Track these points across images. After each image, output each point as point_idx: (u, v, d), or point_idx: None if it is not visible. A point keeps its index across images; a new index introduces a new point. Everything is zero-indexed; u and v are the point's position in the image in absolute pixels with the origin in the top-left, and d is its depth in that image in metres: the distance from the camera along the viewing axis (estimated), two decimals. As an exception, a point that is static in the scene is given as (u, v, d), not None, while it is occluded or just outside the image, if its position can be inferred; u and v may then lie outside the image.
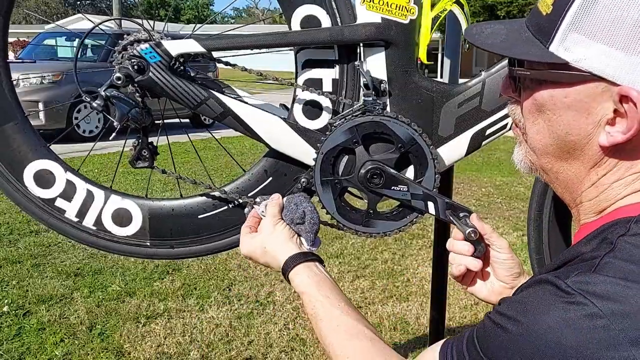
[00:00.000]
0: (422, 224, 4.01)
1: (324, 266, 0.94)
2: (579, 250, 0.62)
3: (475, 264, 0.89)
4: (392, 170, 1.03)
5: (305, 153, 1.09)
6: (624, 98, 0.59)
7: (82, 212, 1.20)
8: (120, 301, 2.79)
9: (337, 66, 1.10)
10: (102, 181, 4.84)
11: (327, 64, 1.10)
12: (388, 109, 1.08)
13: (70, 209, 1.20)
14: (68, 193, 1.20)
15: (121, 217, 1.20)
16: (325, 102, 1.12)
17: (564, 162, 0.67)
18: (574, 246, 0.64)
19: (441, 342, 0.69)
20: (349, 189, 1.09)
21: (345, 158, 1.07)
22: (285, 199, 0.99)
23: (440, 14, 1.17)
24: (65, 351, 2.32)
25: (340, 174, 1.07)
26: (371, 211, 1.08)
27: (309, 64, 1.11)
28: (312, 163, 1.07)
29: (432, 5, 1.11)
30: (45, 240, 3.58)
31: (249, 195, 1.16)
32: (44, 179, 1.19)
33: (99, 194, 1.20)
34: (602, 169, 0.64)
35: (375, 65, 1.07)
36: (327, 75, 1.10)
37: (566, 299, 0.55)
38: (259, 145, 1.10)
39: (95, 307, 2.72)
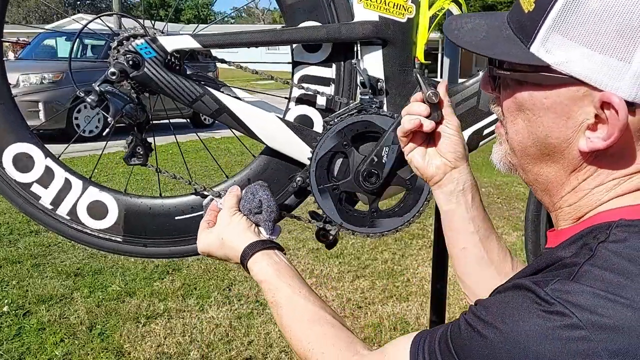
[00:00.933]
0: (422, 224, 4.01)
1: (285, 254, 0.93)
2: (558, 255, 0.60)
3: (429, 124, 0.83)
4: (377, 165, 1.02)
5: (301, 151, 1.09)
6: (605, 104, 0.57)
7: (56, 201, 1.19)
8: (120, 301, 2.79)
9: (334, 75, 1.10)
10: (102, 181, 4.84)
11: (324, 81, 1.10)
12: (385, 107, 1.08)
13: (46, 196, 1.19)
14: (45, 180, 1.18)
15: (96, 210, 1.19)
16: (322, 100, 1.11)
17: (544, 165, 0.65)
18: (553, 250, 0.62)
19: (414, 333, 0.67)
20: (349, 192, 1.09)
21: (339, 161, 1.06)
22: (243, 189, 0.99)
23: (437, 12, 1.17)
24: (65, 351, 2.32)
25: (336, 178, 1.07)
26: (374, 211, 1.07)
27: (306, 80, 1.11)
28: (307, 161, 1.07)
29: (430, 4, 1.11)
30: (45, 240, 3.58)
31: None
32: (23, 163, 1.18)
33: (77, 184, 1.19)
34: (582, 174, 0.62)
35: (373, 63, 1.07)
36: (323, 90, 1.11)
37: (545, 308, 0.54)
38: (259, 145, 1.10)
39: (95, 307, 2.72)
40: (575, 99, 0.59)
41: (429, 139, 0.86)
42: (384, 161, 1.02)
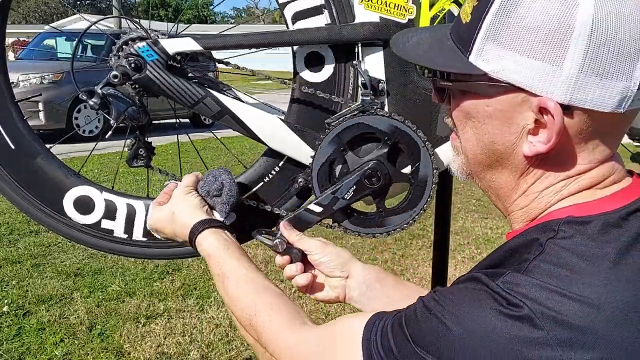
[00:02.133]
0: (422, 224, 4.01)
1: (234, 235, 0.94)
2: (510, 247, 0.62)
3: (303, 280, 0.93)
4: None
5: (303, 152, 1.09)
6: (542, 109, 0.58)
7: (128, 228, 1.19)
8: (120, 301, 2.80)
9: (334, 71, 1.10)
10: (101, 181, 4.84)
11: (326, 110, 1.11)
12: (386, 108, 1.08)
13: (117, 227, 1.19)
14: (110, 212, 1.18)
15: (84, 205, 1.19)
16: (323, 102, 1.11)
17: (494, 171, 0.67)
18: (504, 246, 0.64)
19: (369, 314, 0.68)
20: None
21: (339, 167, 1.07)
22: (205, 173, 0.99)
23: (438, 13, 1.17)
24: (65, 351, 2.32)
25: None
26: (381, 210, 1.08)
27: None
28: (309, 162, 1.07)
29: (431, 5, 1.11)
30: (45, 240, 3.58)
31: None
32: (84, 204, 1.18)
33: (139, 206, 1.18)
34: (530, 178, 0.64)
35: (374, 64, 1.07)
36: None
37: (497, 300, 0.55)
38: (259, 145, 1.10)
39: (95, 307, 2.72)
40: (514, 105, 0.60)
41: (310, 266, 0.95)
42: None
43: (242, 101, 1.11)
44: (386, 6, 1.03)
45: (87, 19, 1.29)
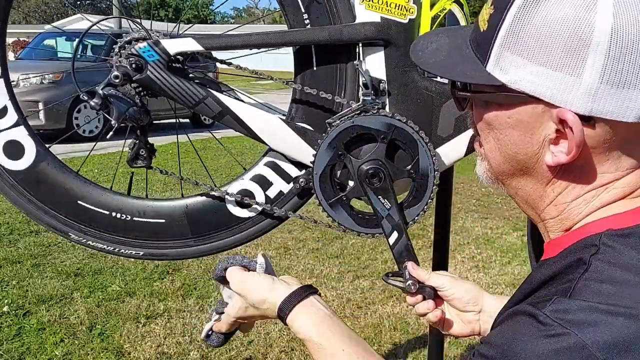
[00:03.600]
0: (422, 224, 4.01)
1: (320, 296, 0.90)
2: (552, 271, 0.60)
3: (436, 316, 0.92)
4: (389, 182, 1.04)
5: (304, 153, 1.09)
6: (562, 121, 0.57)
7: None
8: (120, 301, 2.79)
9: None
10: (101, 181, 4.84)
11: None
12: (387, 108, 1.08)
13: None
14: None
15: (13, 150, 1.18)
16: (324, 102, 1.11)
17: (520, 179, 0.66)
18: (546, 264, 0.62)
19: None
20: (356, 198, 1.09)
21: (340, 171, 1.07)
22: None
23: (439, 13, 1.17)
24: (65, 351, 2.32)
25: (341, 189, 1.08)
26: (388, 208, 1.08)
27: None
28: (309, 163, 1.07)
29: (432, 5, 1.11)
30: (45, 240, 3.58)
31: None
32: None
33: (11, 116, 1.16)
34: (556, 187, 0.63)
35: (375, 64, 1.07)
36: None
37: (546, 331, 0.53)
38: (259, 145, 1.10)
39: (95, 307, 2.72)
40: (535, 115, 0.59)
41: (440, 300, 0.94)
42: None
43: (243, 101, 1.11)
44: (387, 6, 1.03)
45: (89, 19, 1.29)
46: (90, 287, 2.94)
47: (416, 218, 1.08)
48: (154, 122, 1.15)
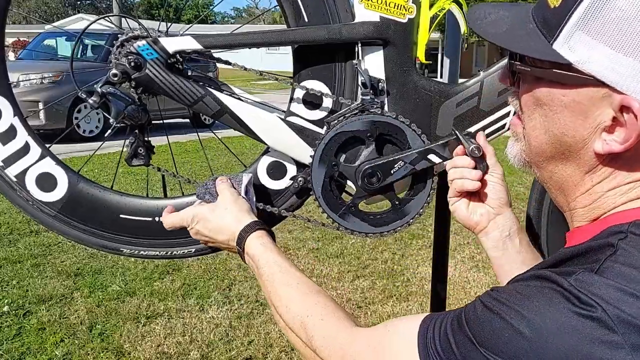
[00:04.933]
0: (422, 224, 4.01)
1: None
2: (578, 250, 0.59)
3: (474, 184, 0.87)
4: (376, 161, 1.03)
5: (303, 152, 1.09)
6: (624, 108, 0.56)
7: (9, 160, 1.17)
8: (120, 301, 2.80)
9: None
10: (101, 181, 4.84)
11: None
12: (386, 108, 1.08)
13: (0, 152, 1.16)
14: (5, 137, 1.16)
15: (46, 182, 1.18)
16: (323, 101, 1.11)
17: (559, 163, 0.64)
18: (572, 247, 0.62)
19: (422, 315, 0.66)
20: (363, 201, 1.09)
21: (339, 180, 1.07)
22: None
23: (438, 13, 1.17)
24: (65, 351, 2.32)
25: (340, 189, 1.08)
26: (397, 202, 1.08)
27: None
28: (309, 161, 1.07)
29: (431, 5, 1.11)
30: (45, 240, 3.58)
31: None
32: None
33: (35, 150, 1.17)
34: (597, 176, 0.62)
35: (374, 64, 1.07)
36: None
37: (570, 298, 0.53)
38: (259, 145, 1.10)
39: (95, 307, 2.72)
40: (594, 99, 0.58)
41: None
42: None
43: (242, 100, 1.11)
44: (386, 5, 1.03)
45: (86, 18, 1.29)
46: (90, 287, 2.94)
47: (427, 199, 1.07)
48: (152, 122, 1.15)
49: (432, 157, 1.01)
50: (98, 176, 5.35)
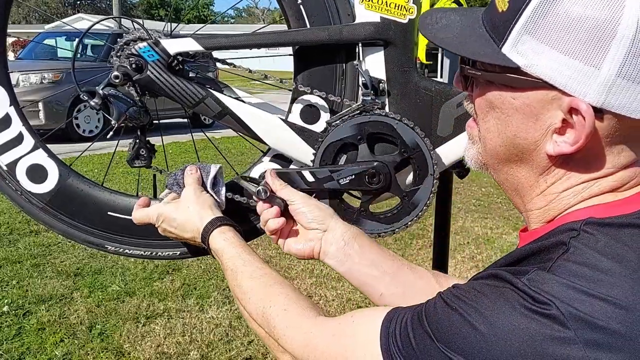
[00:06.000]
0: (422, 224, 4.01)
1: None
2: (531, 249, 0.60)
3: (278, 222, 0.92)
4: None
5: (304, 153, 1.09)
6: (573, 110, 0.57)
7: (1, 149, 1.17)
8: (120, 301, 2.80)
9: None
10: (101, 181, 4.83)
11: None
12: (387, 108, 1.08)
13: None
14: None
15: (36, 174, 1.18)
16: (324, 102, 1.12)
17: (513, 165, 0.65)
18: (525, 246, 0.62)
19: (387, 308, 0.67)
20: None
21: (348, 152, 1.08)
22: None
23: (439, 13, 1.17)
24: (65, 351, 2.32)
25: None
26: (363, 210, 1.08)
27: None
28: (310, 163, 1.07)
29: (431, 5, 1.11)
30: (45, 240, 3.58)
31: None
32: None
33: (28, 141, 1.18)
34: (550, 177, 0.63)
35: (374, 64, 1.07)
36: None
37: (523, 297, 0.54)
38: (259, 145, 1.10)
39: (95, 307, 2.72)
40: (544, 102, 0.59)
41: (291, 220, 0.94)
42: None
43: (243, 101, 1.11)
44: (387, 6, 1.03)
45: (86, 18, 1.29)
46: (90, 287, 2.94)
47: (428, 203, 1.07)
48: (154, 122, 1.15)
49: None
50: (98, 176, 5.35)
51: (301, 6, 1.07)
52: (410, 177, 1.08)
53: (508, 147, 0.64)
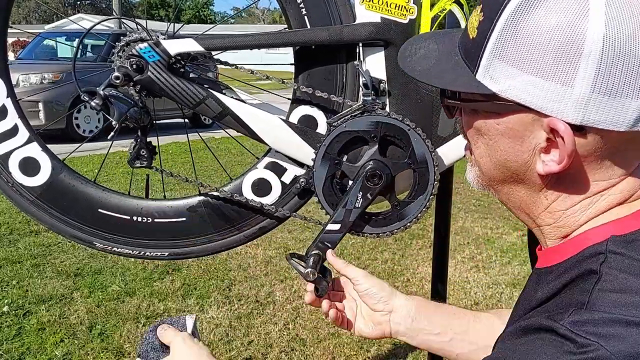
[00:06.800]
0: (422, 224, 4.01)
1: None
2: (561, 282, 0.58)
3: (333, 313, 0.92)
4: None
5: (305, 153, 1.09)
6: (553, 130, 0.56)
7: None
8: (120, 301, 2.79)
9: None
10: (101, 181, 4.83)
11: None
12: (387, 108, 1.08)
13: None
14: None
15: (29, 166, 1.18)
16: (324, 102, 1.12)
17: (512, 185, 0.65)
18: (551, 275, 0.61)
19: None
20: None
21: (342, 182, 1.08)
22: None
23: (439, 13, 1.17)
24: (65, 351, 2.32)
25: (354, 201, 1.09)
26: (396, 204, 1.08)
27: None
28: (311, 163, 1.07)
29: (432, 5, 1.11)
30: (45, 240, 3.58)
31: None
32: None
33: (23, 133, 1.18)
34: (550, 194, 0.62)
35: (375, 65, 1.07)
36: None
37: (570, 345, 0.51)
38: (259, 145, 1.10)
39: (95, 307, 2.72)
40: (525, 124, 0.58)
41: (355, 303, 0.95)
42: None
43: (244, 102, 1.12)
44: (387, 6, 1.03)
45: (85, 18, 1.29)
46: (90, 287, 2.94)
47: (426, 206, 1.08)
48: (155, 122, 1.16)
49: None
50: (98, 176, 5.35)
51: (301, 6, 1.08)
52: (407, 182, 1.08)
53: (502, 170, 0.64)
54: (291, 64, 1.14)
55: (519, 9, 0.55)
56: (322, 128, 1.12)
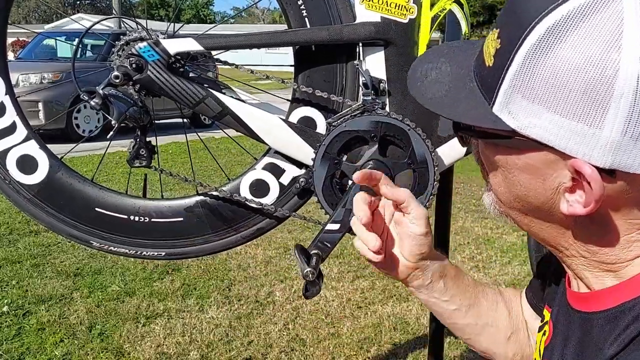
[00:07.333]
0: (422, 224, 4.00)
1: None
2: (629, 335, 0.53)
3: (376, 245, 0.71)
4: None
5: (304, 153, 1.09)
6: (578, 172, 0.50)
7: None
8: (120, 301, 2.79)
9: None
10: (101, 180, 4.83)
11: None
12: (387, 108, 1.08)
13: None
14: None
15: (26, 164, 1.18)
16: (324, 101, 1.11)
17: (533, 218, 0.59)
18: (617, 337, 0.54)
19: None
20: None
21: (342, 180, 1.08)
22: None
23: (439, 13, 1.17)
24: (65, 351, 2.32)
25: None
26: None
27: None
28: (310, 163, 1.07)
29: (432, 5, 1.11)
30: (45, 240, 3.58)
31: None
32: None
33: (21, 131, 1.18)
34: (579, 232, 0.56)
35: (375, 64, 1.07)
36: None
37: None
38: (259, 145, 1.10)
39: (95, 307, 2.72)
40: (547, 162, 0.53)
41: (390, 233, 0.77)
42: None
43: (244, 101, 1.11)
44: (387, 6, 1.03)
45: (85, 18, 1.29)
46: (90, 287, 2.94)
47: (426, 204, 1.07)
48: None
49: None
50: (97, 176, 5.35)
51: (302, 6, 1.07)
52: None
53: (522, 203, 0.58)
54: (291, 65, 1.14)
55: (541, 41, 0.49)
56: (321, 128, 1.11)
